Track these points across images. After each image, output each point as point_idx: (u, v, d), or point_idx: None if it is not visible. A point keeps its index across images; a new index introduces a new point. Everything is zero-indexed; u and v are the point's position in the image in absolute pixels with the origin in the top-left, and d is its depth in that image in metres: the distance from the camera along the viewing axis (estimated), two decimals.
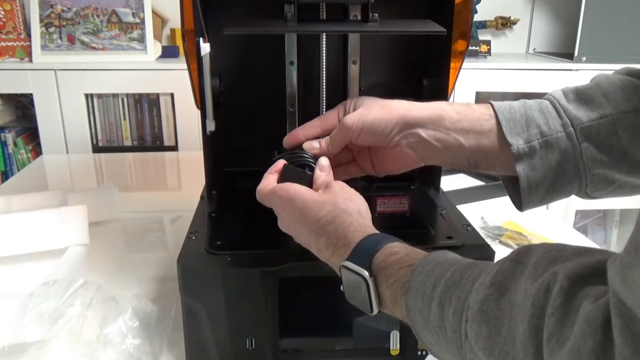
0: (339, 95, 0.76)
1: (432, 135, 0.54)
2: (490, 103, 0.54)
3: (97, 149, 2.03)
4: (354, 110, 0.57)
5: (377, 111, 0.54)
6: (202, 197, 0.73)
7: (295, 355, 0.58)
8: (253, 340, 0.56)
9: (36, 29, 1.94)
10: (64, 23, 1.96)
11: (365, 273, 0.44)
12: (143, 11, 1.98)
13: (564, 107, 0.51)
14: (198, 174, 0.72)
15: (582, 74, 1.94)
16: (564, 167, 0.51)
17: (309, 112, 0.75)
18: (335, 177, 0.55)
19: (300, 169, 0.56)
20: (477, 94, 2.05)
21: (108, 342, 0.58)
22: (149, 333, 0.61)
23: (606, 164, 0.49)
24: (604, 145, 0.49)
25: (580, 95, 0.51)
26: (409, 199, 0.75)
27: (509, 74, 2.00)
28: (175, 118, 2.00)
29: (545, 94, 0.55)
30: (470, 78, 1.94)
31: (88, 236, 0.84)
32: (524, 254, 0.37)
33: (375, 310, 0.45)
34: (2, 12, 1.96)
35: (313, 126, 0.60)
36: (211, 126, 0.68)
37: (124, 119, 2.05)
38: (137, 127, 2.07)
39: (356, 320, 0.58)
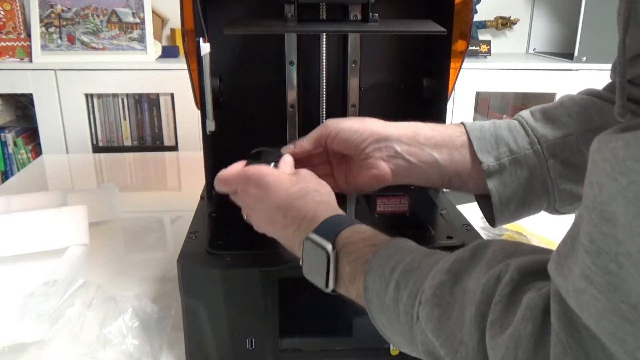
0: (339, 95, 0.76)
1: (407, 149, 0.55)
2: (462, 123, 0.57)
3: (97, 149, 2.03)
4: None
5: (354, 121, 0.57)
6: (202, 197, 0.73)
7: (295, 355, 0.58)
8: (253, 340, 0.56)
9: (36, 29, 1.94)
10: (64, 23, 1.96)
11: (329, 246, 0.44)
12: (143, 11, 1.98)
13: (532, 126, 0.54)
14: (198, 174, 0.72)
15: (582, 74, 1.94)
16: (532, 183, 0.53)
17: (309, 112, 0.75)
18: None
19: (264, 162, 0.56)
20: (477, 94, 2.05)
21: (108, 342, 0.58)
22: (149, 333, 0.61)
23: (572, 179, 0.52)
24: (569, 162, 0.52)
25: (547, 115, 0.54)
26: (409, 199, 0.75)
27: (509, 74, 2.00)
28: (175, 118, 2.00)
29: (545, 93, 0.56)
30: (470, 78, 1.94)
31: (88, 236, 0.85)
32: (482, 248, 0.38)
33: (331, 287, 0.45)
34: (2, 12, 1.96)
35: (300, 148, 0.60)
36: (211, 126, 0.68)
37: (124, 119, 2.05)
38: (137, 127, 2.08)
39: (356, 320, 0.58)
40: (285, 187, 0.50)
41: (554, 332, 0.27)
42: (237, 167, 0.55)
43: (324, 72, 0.73)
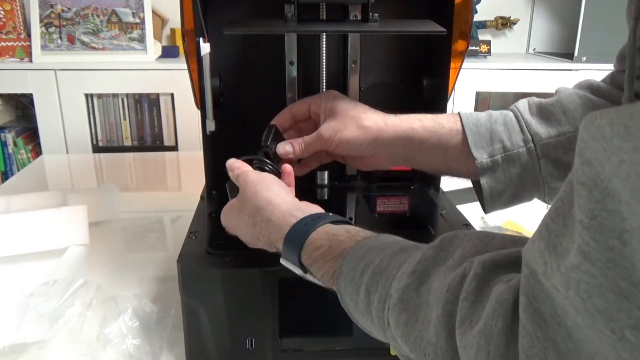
0: None
1: (402, 153, 0.59)
2: (458, 113, 0.58)
3: (97, 149, 2.03)
4: (328, 114, 0.61)
5: (352, 130, 0.59)
6: (202, 197, 0.73)
7: (295, 355, 0.58)
8: (253, 340, 0.56)
9: (36, 29, 1.94)
10: (64, 23, 1.96)
11: (299, 271, 0.47)
12: (143, 11, 1.98)
13: (527, 121, 0.55)
14: (198, 174, 0.72)
15: (582, 74, 1.94)
16: (524, 180, 0.55)
17: None
18: (306, 163, 0.65)
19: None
20: (477, 94, 2.05)
21: (108, 342, 0.58)
22: (149, 333, 0.61)
23: (563, 179, 0.52)
24: (561, 162, 0.53)
25: (543, 110, 0.55)
26: (409, 199, 0.76)
27: (509, 74, 2.00)
28: (175, 118, 2.00)
29: (545, 93, 0.56)
30: (470, 78, 1.94)
31: (88, 236, 0.85)
32: (448, 242, 0.38)
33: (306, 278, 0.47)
34: (2, 12, 1.96)
35: (285, 119, 0.65)
36: (211, 126, 0.68)
37: (124, 119, 2.05)
38: (137, 127, 2.08)
39: None
40: (237, 211, 0.54)
41: (522, 325, 0.27)
42: (243, 166, 0.58)
43: (324, 72, 0.73)
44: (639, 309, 0.21)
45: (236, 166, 0.58)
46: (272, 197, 0.51)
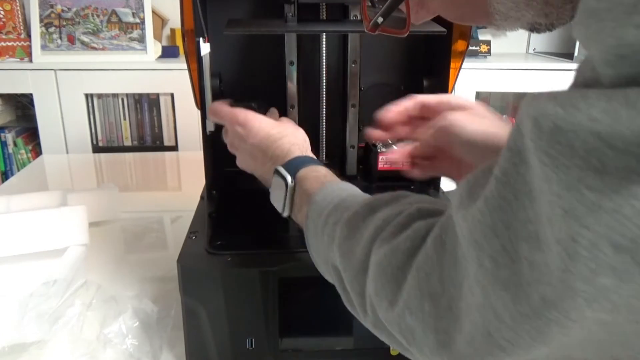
0: (339, 95, 0.76)
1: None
2: None
3: (97, 149, 2.03)
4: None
5: (477, 134, 0.52)
6: (202, 197, 0.73)
7: (295, 355, 0.58)
8: (253, 340, 0.56)
9: (36, 29, 1.94)
10: (64, 23, 1.96)
11: (289, 178, 0.51)
12: (143, 11, 1.98)
13: None
14: (198, 174, 0.72)
15: None
16: None
17: (309, 112, 0.75)
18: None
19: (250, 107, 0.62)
20: (477, 93, 2.05)
21: (108, 342, 0.58)
22: (149, 333, 0.61)
23: None
24: None
25: None
26: None
27: (509, 74, 2.00)
28: (175, 118, 2.00)
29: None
30: (470, 78, 1.94)
31: (88, 236, 0.84)
32: (404, 195, 0.43)
33: (287, 213, 0.52)
34: (2, 12, 1.96)
35: (411, 107, 0.59)
36: (211, 126, 0.68)
37: (124, 119, 2.05)
38: (137, 127, 2.08)
39: (356, 320, 0.58)
40: (266, 130, 0.57)
41: (425, 248, 0.33)
42: (226, 107, 0.61)
43: (324, 72, 0.73)
44: (501, 245, 0.26)
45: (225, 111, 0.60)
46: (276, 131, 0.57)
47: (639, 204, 0.20)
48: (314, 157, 0.55)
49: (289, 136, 0.57)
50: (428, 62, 0.77)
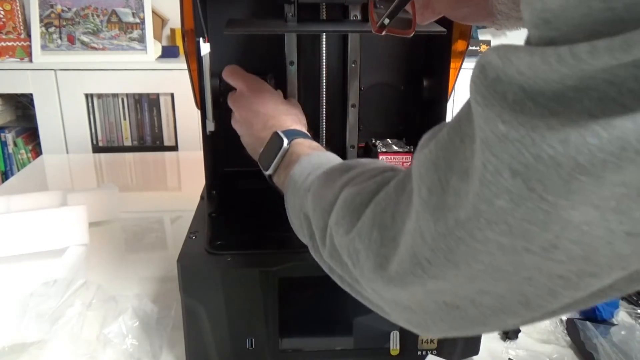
0: (339, 95, 0.76)
1: None
2: None
3: (97, 149, 2.03)
4: None
5: None
6: (202, 197, 0.73)
7: (295, 355, 0.58)
8: (253, 340, 0.56)
9: (36, 29, 1.94)
10: (64, 23, 1.96)
11: (286, 140, 0.55)
12: (143, 11, 1.98)
13: None
14: (198, 174, 0.72)
15: None
16: None
17: (309, 112, 0.75)
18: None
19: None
20: None
21: (108, 342, 0.58)
22: (149, 333, 0.61)
23: None
24: None
25: None
26: None
27: None
28: (175, 118, 2.00)
29: None
30: (470, 78, 1.94)
31: (88, 236, 0.85)
32: (391, 169, 0.45)
33: (270, 171, 0.56)
34: (2, 12, 1.96)
35: None
36: (211, 126, 0.68)
37: (124, 119, 2.05)
38: (137, 127, 2.08)
39: (356, 320, 0.58)
40: (276, 102, 0.62)
41: (387, 187, 0.37)
42: (243, 71, 0.66)
43: (324, 72, 0.73)
44: (437, 178, 0.30)
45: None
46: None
47: (537, 138, 0.23)
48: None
49: (294, 115, 0.62)
50: (428, 62, 0.77)
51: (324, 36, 0.72)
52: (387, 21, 0.45)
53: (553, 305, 0.29)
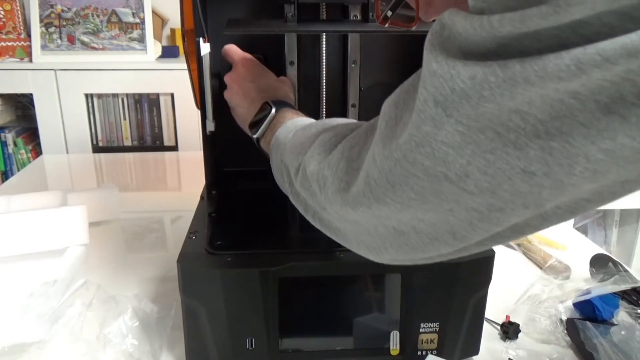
0: (339, 95, 0.76)
1: None
2: None
3: (97, 149, 2.03)
4: None
5: None
6: (202, 197, 0.73)
7: (295, 355, 0.58)
8: (253, 340, 0.56)
9: (36, 29, 1.94)
10: (64, 23, 1.96)
11: (274, 108, 0.60)
12: (143, 11, 1.98)
13: None
14: (198, 174, 0.72)
15: None
16: None
17: (309, 112, 0.75)
18: None
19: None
20: None
21: (108, 342, 0.58)
22: (149, 333, 0.61)
23: None
24: None
25: None
26: None
27: None
28: (175, 118, 2.00)
29: None
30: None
31: (88, 236, 0.85)
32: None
33: (257, 134, 0.60)
34: (2, 12, 1.96)
35: None
36: (211, 126, 0.68)
37: (124, 119, 2.05)
38: (137, 127, 2.07)
39: (356, 320, 0.58)
40: (269, 78, 0.67)
41: (359, 129, 0.42)
42: (240, 50, 0.70)
43: (324, 72, 0.73)
44: (395, 114, 0.36)
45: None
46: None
47: (454, 72, 0.28)
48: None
49: (284, 91, 0.67)
50: None
51: (324, 36, 0.72)
52: (389, 13, 0.48)
53: (475, 236, 0.34)
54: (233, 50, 0.70)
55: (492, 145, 0.29)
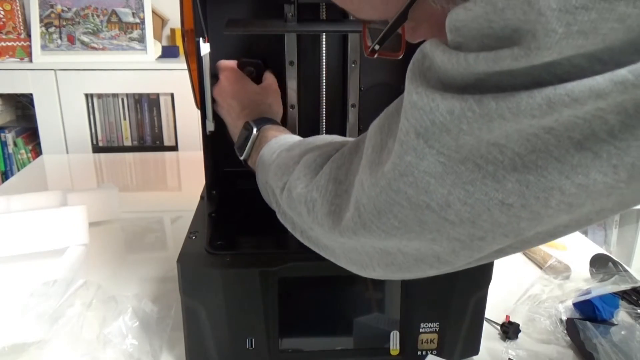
0: (339, 95, 0.76)
1: None
2: None
3: (97, 149, 2.03)
4: None
5: None
6: (202, 197, 0.73)
7: (295, 355, 0.58)
8: (253, 340, 0.56)
9: (36, 29, 1.94)
10: (64, 23, 1.96)
11: (255, 129, 0.62)
12: (143, 11, 1.98)
13: None
14: (198, 174, 0.72)
15: None
16: None
17: (309, 112, 0.75)
18: None
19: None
20: None
21: (108, 342, 0.58)
22: (149, 333, 0.61)
23: None
24: None
25: None
26: None
27: None
28: (175, 118, 2.00)
29: None
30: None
31: (88, 236, 0.84)
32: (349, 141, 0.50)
33: (244, 156, 0.63)
34: (2, 12, 1.96)
35: None
36: (211, 126, 0.68)
37: (124, 119, 2.05)
38: (137, 127, 2.08)
39: (356, 320, 0.58)
40: (250, 93, 0.69)
41: (344, 149, 0.44)
42: (229, 65, 0.72)
43: (324, 72, 0.73)
44: (380, 139, 0.37)
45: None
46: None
47: (434, 105, 0.29)
48: (279, 124, 0.67)
49: (267, 105, 0.69)
50: None
51: (324, 36, 0.72)
52: (377, 47, 0.49)
53: (458, 262, 0.35)
54: (219, 65, 0.72)
55: (471, 177, 0.30)
